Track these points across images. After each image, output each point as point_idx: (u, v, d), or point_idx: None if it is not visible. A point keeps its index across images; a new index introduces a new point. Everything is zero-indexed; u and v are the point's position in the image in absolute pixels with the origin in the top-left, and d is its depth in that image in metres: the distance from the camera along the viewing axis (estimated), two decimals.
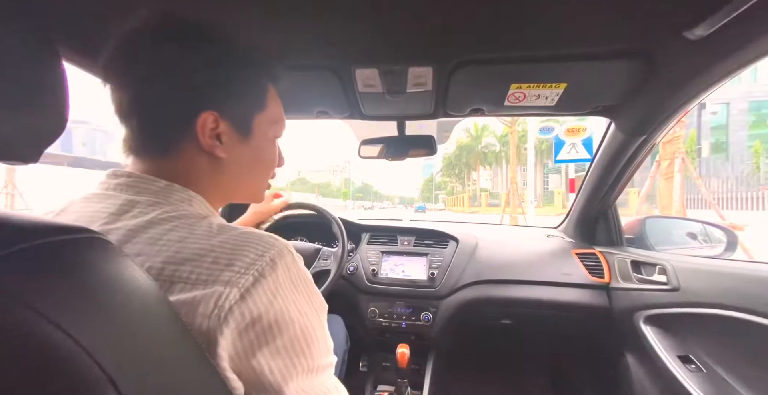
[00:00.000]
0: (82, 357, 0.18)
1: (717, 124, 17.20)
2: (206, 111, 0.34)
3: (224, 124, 0.36)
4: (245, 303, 0.28)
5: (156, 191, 0.34)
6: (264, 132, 0.41)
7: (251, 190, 0.44)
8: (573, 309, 1.02)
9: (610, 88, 0.73)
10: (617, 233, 1.13)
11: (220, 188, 0.39)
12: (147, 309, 0.23)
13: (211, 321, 0.27)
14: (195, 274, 0.28)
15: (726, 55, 0.55)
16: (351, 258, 1.19)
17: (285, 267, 0.31)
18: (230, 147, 0.37)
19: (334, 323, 1.02)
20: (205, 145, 0.35)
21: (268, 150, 0.42)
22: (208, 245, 0.29)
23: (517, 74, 0.69)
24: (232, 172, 0.39)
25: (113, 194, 0.34)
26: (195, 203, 0.36)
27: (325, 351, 0.34)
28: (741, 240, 3.49)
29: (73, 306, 0.19)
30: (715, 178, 13.08)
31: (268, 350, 0.29)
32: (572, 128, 5.12)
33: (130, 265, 0.24)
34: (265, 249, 0.30)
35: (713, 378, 0.72)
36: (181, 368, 0.24)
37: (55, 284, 0.19)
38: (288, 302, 0.30)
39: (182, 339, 0.25)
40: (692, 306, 0.77)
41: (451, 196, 45.31)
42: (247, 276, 0.28)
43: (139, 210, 0.32)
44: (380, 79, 0.70)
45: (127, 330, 0.21)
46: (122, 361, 0.20)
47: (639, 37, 0.56)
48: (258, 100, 0.39)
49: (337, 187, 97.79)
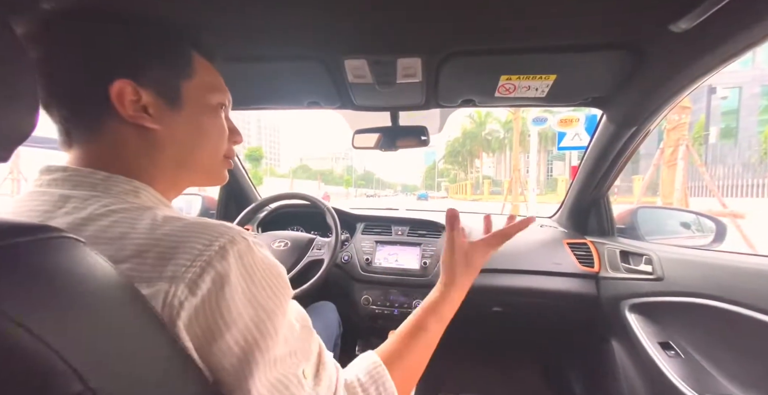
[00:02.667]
0: (49, 357, 0.18)
1: (728, 109, 16.80)
2: (118, 79, 0.32)
3: (146, 93, 0.33)
4: (195, 297, 0.26)
5: (95, 184, 0.32)
6: (199, 100, 0.37)
7: (203, 169, 0.40)
8: (562, 297, 1.05)
9: (599, 79, 0.73)
10: (609, 223, 1.14)
11: (165, 170, 0.36)
12: (116, 303, 0.23)
13: (166, 319, 0.26)
14: (137, 271, 0.26)
15: (712, 47, 0.55)
16: (346, 247, 1.21)
17: (237, 255, 0.28)
18: (161, 118, 0.34)
19: (328, 309, 1.04)
20: (127, 116, 0.33)
21: (210, 121, 0.39)
22: (151, 239, 0.27)
23: (507, 66, 0.69)
24: (172, 146, 0.36)
25: (47, 191, 0.31)
26: (142, 194, 0.34)
27: (288, 340, 0.31)
28: (741, 227, 3.49)
29: (37, 304, 0.19)
30: (721, 164, 12.89)
31: (217, 346, 0.27)
32: (565, 119, 5.06)
33: (99, 262, 0.23)
34: (214, 237, 0.28)
35: (691, 363, 0.75)
36: (154, 362, 0.24)
37: (20, 284, 0.19)
38: (236, 293, 0.28)
39: (153, 332, 0.25)
40: (674, 295, 0.79)
41: (453, 184, 45.16)
42: (194, 268, 0.26)
43: (74, 206, 0.30)
44: (369, 70, 0.70)
45: (97, 327, 0.21)
46: (92, 358, 0.20)
47: (626, 29, 0.55)
48: (181, 66, 0.36)
49: (340, 175, 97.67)
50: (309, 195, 1.16)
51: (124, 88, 0.32)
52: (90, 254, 0.23)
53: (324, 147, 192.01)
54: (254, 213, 1.20)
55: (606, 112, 0.88)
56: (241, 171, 1.33)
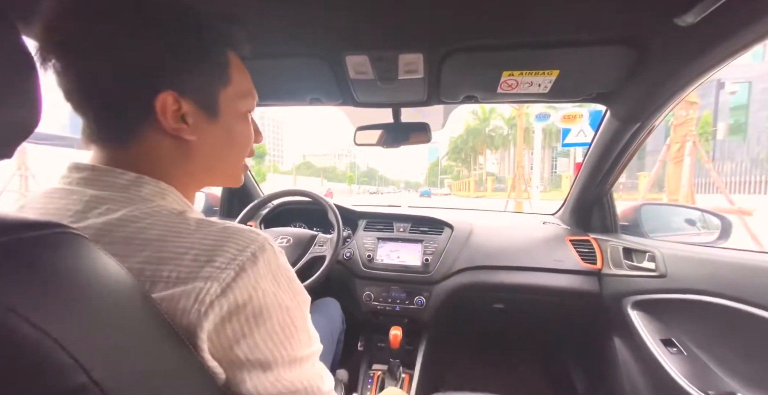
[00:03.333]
0: (52, 348, 0.18)
1: (737, 104, 16.48)
2: (164, 91, 0.31)
3: (186, 103, 0.33)
4: (225, 297, 0.27)
5: (125, 185, 0.32)
6: (233, 108, 0.37)
7: (227, 173, 0.41)
8: (564, 294, 1.05)
9: (602, 75, 0.72)
10: (612, 220, 1.13)
11: (193, 175, 0.37)
12: (121, 300, 0.23)
13: (191, 316, 0.27)
14: (175, 273, 0.27)
15: (718, 41, 0.54)
16: (348, 244, 1.21)
17: (266, 262, 0.30)
18: (198, 128, 0.34)
19: (332, 306, 1.05)
20: (169, 128, 0.32)
21: (241, 127, 0.39)
22: (187, 243, 0.29)
23: (509, 61, 0.68)
24: (204, 156, 0.36)
25: (77, 189, 0.31)
26: (169, 197, 0.34)
27: (307, 343, 0.34)
28: (749, 225, 3.45)
29: (39, 297, 0.19)
30: (729, 161, 12.70)
31: (245, 342, 0.29)
32: (568, 115, 5.02)
33: (103, 258, 0.24)
34: (246, 244, 0.30)
35: (693, 360, 0.75)
36: (159, 357, 0.24)
37: (23, 278, 0.19)
38: (268, 295, 0.30)
39: (160, 329, 0.25)
40: (677, 292, 0.78)
41: (456, 181, 45.02)
42: (228, 270, 0.28)
43: (107, 207, 0.30)
44: (371, 66, 0.70)
45: (101, 321, 0.22)
46: (95, 350, 0.20)
47: (630, 23, 0.55)
48: (220, 72, 0.36)
49: (342, 172, 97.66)
50: (311, 192, 1.16)
51: (167, 98, 0.32)
52: (93, 249, 0.23)
53: (327, 144, 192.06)
54: (257, 209, 1.20)
55: (610, 108, 0.87)
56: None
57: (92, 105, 0.32)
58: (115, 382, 0.21)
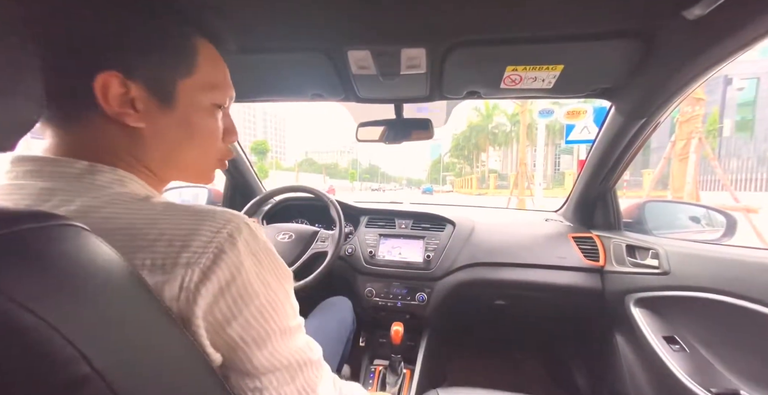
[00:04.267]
0: (54, 338, 0.18)
1: (744, 100, 16.25)
2: (106, 71, 0.29)
3: (136, 87, 0.30)
4: (209, 280, 0.27)
5: (78, 175, 0.30)
6: (194, 99, 0.35)
7: (192, 169, 0.39)
8: (566, 291, 1.04)
9: (607, 69, 0.71)
10: (615, 217, 1.12)
11: (150, 164, 0.35)
12: (121, 290, 0.23)
13: (180, 304, 0.27)
14: (150, 260, 0.27)
15: (725, 35, 0.53)
16: (349, 240, 1.22)
17: (244, 241, 0.29)
18: (149, 116, 0.32)
19: (344, 305, 1.02)
20: (110, 112, 0.30)
21: (203, 121, 0.36)
22: (157, 229, 0.28)
23: (513, 56, 0.67)
24: (158, 146, 0.34)
25: (26, 183, 0.29)
26: (129, 184, 0.32)
27: (293, 315, 0.34)
28: (754, 222, 3.42)
29: (41, 288, 0.19)
30: (735, 158, 12.56)
31: (237, 322, 0.29)
32: (572, 111, 4.97)
33: (103, 248, 0.24)
34: (221, 224, 0.29)
35: (695, 358, 0.74)
36: (159, 344, 0.25)
37: (24, 270, 0.19)
38: (251, 274, 0.29)
39: (160, 318, 0.25)
40: (680, 290, 0.78)
41: (459, 178, 44.90)
42: (207, 254, 0.27)
43: (61, 199, 0.28)
44: (373, 61, 0.69)
45: (102, 311, 0.22)
46: (97, 340, 0.20)
47: (636, 16, 0.54)
48: (182, 60, 0.33)
49: (345, 168, 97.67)
50: (313, 188, 1.16)
51: (109, 80, 0.29)
52: (94, 241, 0.23)
53: (329, 140, 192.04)
54: (259, 205, 1.21)
55: (614, 104, 0.86)
56: (246, 164, 1.34)
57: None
58: (117, 371, 0.21)
